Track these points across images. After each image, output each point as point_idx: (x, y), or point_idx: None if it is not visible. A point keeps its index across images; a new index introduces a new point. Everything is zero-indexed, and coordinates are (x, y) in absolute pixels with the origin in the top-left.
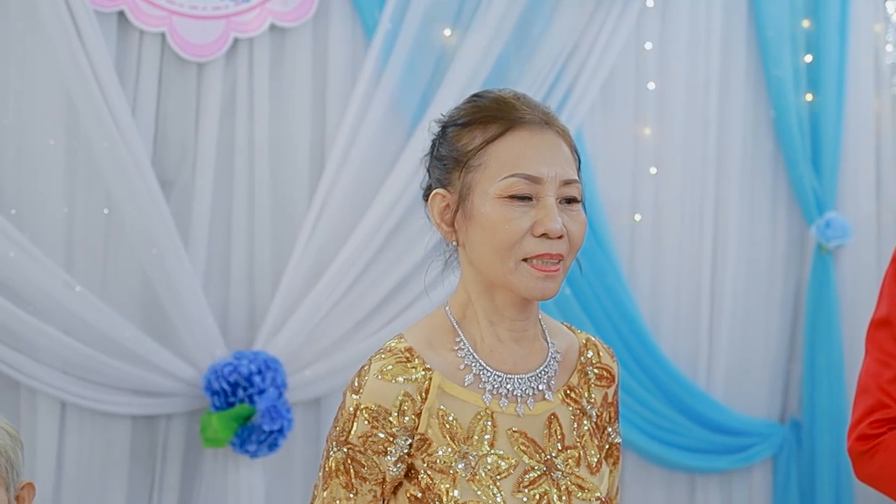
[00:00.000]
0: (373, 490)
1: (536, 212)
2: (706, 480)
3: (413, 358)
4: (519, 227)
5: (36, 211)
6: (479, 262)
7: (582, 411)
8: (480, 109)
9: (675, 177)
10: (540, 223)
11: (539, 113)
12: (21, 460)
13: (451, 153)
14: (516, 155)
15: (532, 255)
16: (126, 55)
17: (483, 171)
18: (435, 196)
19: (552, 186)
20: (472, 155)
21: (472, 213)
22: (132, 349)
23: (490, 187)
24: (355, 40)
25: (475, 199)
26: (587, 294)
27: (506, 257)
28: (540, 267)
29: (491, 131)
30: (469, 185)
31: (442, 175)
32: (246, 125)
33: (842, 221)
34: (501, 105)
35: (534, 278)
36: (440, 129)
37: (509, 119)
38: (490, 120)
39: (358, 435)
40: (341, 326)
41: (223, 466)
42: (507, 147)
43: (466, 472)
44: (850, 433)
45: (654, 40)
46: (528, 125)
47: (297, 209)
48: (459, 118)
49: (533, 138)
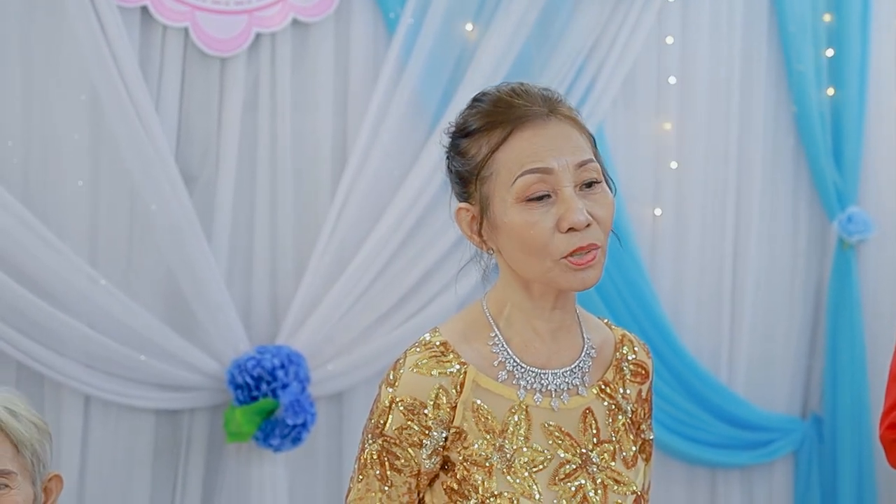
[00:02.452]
0: (407, 482)
1: (557, 207)
2: (727, 475)
3: (448, 352)
4: (544, 229)
5: (61, 205)
6: (515, 265)
7: (617, 406)
8: (482, 116)
9: (696, 171)
10: (563, 218)
11: (539, 103)
12: (48, 453)
13: (463, 167)
14: (522, 155)
15: (566, 254)
16: (149, 50)
17: (495, 179)
18: (459, 211)
19: (567, 175)
20: (482, 166)
21: (496, 223)
22: (156, 343)
23: (506, 194)
24: (377, 35)
25: (496, 209)
26: (609, 288)
27: (540, 259)
28: (576, 261)
29: (494, 138)
30: (487, 197)
31: (461, 189)
32: (268, 120)
33: (864, 216)
34: (501, 107)
35: (572, 272)
36: (450, 142)
37: (510, 121)
38: (492, 126)
39: (393, 427)
40: (363, 321)
41: (246, 460)
42: (513, 150)
43: (502, 464)
44: (883, 421)
45: (676, 35)
46: (530, 122)
47: (319, 204)
48: (464, 128)
49: (536, 134)
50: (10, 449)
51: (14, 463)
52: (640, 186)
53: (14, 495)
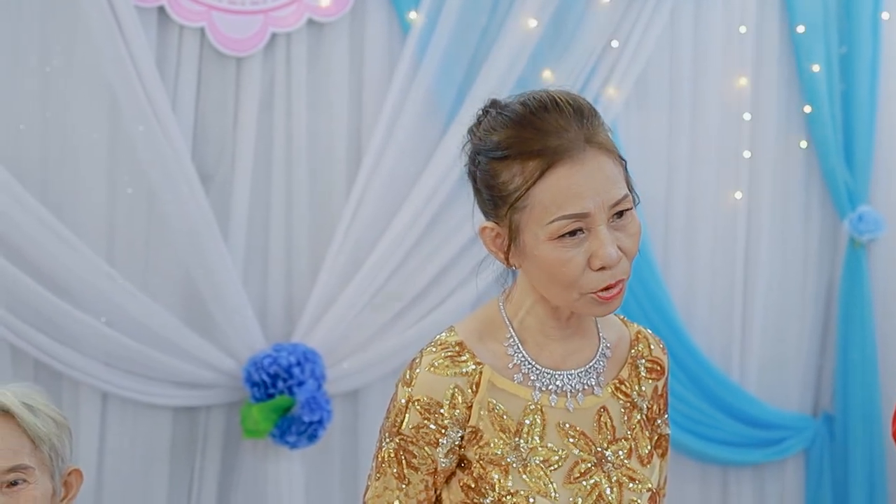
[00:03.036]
0: (424, 480)
1: (590, 244)
2: (739, 473)
3: (464, 352)
4: (576, 266)
5: (78, 204)
6: (539, 289)
7: (632, 404)
8: (513, 138)
9: (708, 170)
10: (595, 256)
11: (575, 127)
12: (67, 447)
13: (492, 190)
14: (560, 196)
15: (595, 291)
16: (166, 50)
17: (529, 213)
18: (484, 230)
19: (601, 215)
20: (518, 197)
21: (526, 252)
22: (173, 341)
23: (539, 231)
24: (392, 34)
25: (527, 240)
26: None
27: (567, 291)
28: (603, 296)
29: (530, 171)
30: (517, 225)
31: (488, 208)
32: (284, 119)
33: (874, 215)
34: (536, 133)
35: (597, 304)
36: (473, 152)
37: (547, 153)
38: (527, 157)
39: (410, 427)
40: (379, 319)
41: (262, 457)
42: (550, 188)
43: (518, 463)
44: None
45: (688, 35)
46: (568, 157)
47: (334, 202)
48: (493, 148)
49: (574, 173)
50: (27, 444)
51: (32, 458)
52: (651, 186)
53: (32, 490)
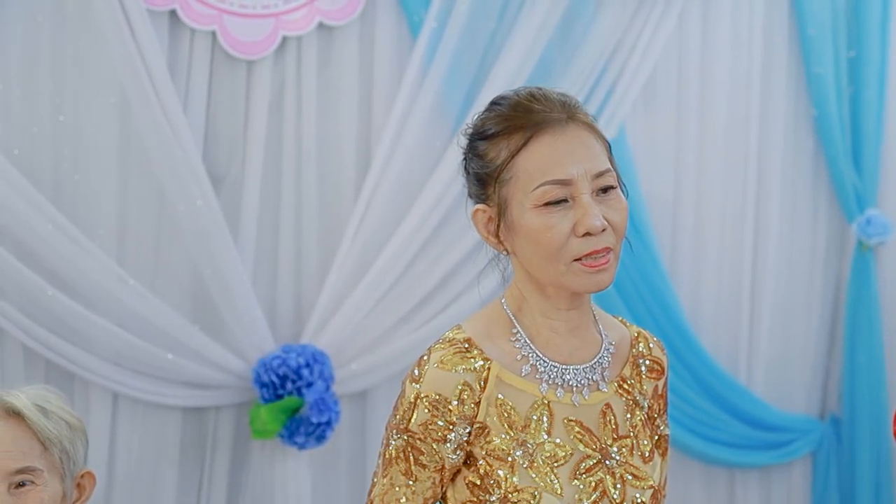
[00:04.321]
0: (432, 477)
1: (574, 212)
2: (745, 476)
3: (472, 348)
4: (560, 233)
5: (90, 206)
6: (530, 268)
7: (634, 402)
8: (502, 119)
9: (716, 174)
10: (580, 223)
11: (559, 108)
12: (81, 451)
13: (482, 169)
14: (543, 162)
15: (580, 256)
16: (177, 53)
17: (515, 183)
18: (476, 212)
19: (585, 183)
20: (502, 169)
21: (514, 225)
22: (183, 342)
23: (525, 199)
24: (401, 38)
25: (514, 212)
26: (628, 289)
27: (555, 261)
28: (590, 264)
29: (514, 142)
30: (505, 199)
31: (479, 190)
32: (294, 122)
33: (882, 219)
34: (520, 111)
35: (586, 275)
36: (467, 143)
37: (530, 126)
38: (512, 130)
39: (418, 423)
40: (387, 321)
41: (270, 458)
42: (533, 156)
43: (524, 459)
44: None
45: (696, 38)
46: (550, 127)
47: (343, 205)
48: (483, 131)
49: (556, 140)
50: (37, 446)
51: (41, 460)
52: (660, 188)
53: (40, 492)
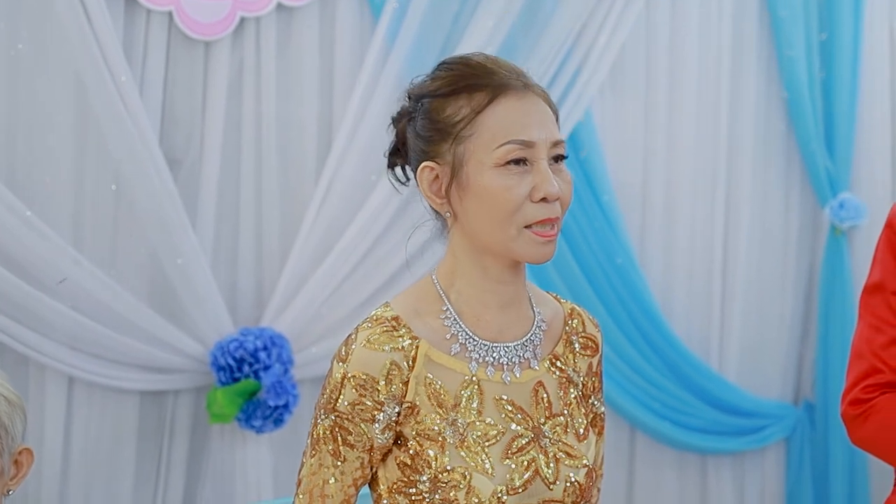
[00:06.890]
0: (360, 457)
1: (533, 177)
2: (718, 462)
3: (400, 327)
4: (518, 194)
5: (45, 188)
6: (476, 231)
7: (568, 379)
8: (462, 77)
9: (686, 157)
10: (538, 188)
11: (517, 76)
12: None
13: (435, 125)
14: (508, 122)
15: (533, 222)
16: (133, 34)
17: (475, 140)
18: (423, 169)
19: (544, 149)
20: (462, 126)
21: (468, 184)
22: (140, 325)
23: (486, 157)
24: (362, 19)
25: (470, 171)
26: (597, 274)
27: (506, 225)
28: (540, 233)
29: (478, 100)
30: (461, 157)
31: (427, 147)
32: (253, 104)
33: (855, 202)
34: (482, 71)
35: (535, 244)
36: (414, 103)
37: (495, 86)
38: (475, 88)
39: (346, 403)
40: (348, 304)
41: (230, 442)
42: (498, 115)
43: (455, 438)
44: (844, 398)
45: (665, 19)
46: (514, 90)
47: (304, 188)
48: (440, 89)
49: (521, 103)
50: None
51: None
52: (628, 173)
53: None
